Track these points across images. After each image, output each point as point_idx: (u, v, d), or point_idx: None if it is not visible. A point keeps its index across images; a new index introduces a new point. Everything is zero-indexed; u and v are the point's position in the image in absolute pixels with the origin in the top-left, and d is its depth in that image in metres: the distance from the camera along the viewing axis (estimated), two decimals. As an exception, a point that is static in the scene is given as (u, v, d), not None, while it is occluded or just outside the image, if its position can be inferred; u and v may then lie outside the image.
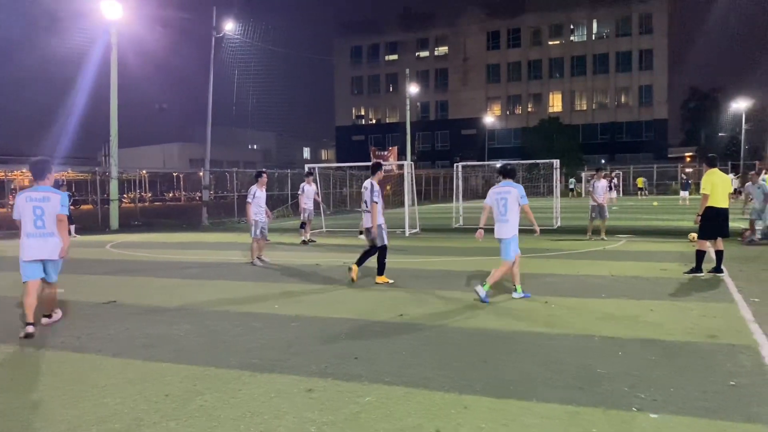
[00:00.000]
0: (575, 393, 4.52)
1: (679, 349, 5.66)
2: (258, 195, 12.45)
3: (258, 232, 12.38)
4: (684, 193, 37.18)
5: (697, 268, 9.84)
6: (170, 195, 64.17)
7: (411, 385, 4.75)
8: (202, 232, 22.58)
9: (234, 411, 4.29)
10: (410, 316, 7.24)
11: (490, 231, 8.54)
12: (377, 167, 10.11)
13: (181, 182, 62.81)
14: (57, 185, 8.15)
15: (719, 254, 9.91)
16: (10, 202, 41.45)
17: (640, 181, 48.53)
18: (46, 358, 5.76)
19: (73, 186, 41.97)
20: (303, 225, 16.99)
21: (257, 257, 12.44)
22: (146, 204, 42.43)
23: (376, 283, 9.76)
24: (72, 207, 21.27)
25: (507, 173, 8.55)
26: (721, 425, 3.90)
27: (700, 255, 9.90)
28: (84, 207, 35.26)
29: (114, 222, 24.36)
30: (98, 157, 59.09)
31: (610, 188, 36.95)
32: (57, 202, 6.82)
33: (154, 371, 5.25)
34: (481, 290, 8.00)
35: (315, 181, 18.23)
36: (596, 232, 16.03)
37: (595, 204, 15.90)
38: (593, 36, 75.07)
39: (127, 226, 25.03)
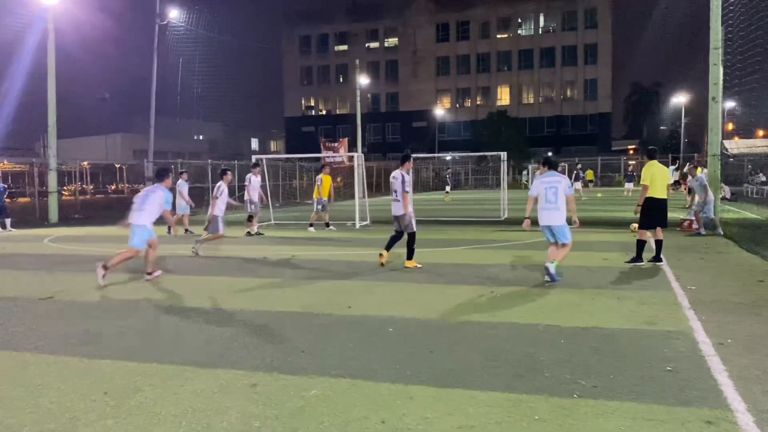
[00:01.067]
0: (518, 381, 4.59)
1: (618, 336, 5.82)
2: (224, 190, 13.32)
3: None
4: (629, 185, 38.30)
5: (638, 258, 10.14)
6: (113, 187, 62.38)
7: (357, 377, 4.73)
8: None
9: (175, 408, 4.19)
10: (358, 308, 7.22)
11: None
12: (407, 158, 10.67)
13: (125, 174, 61.14)
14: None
15: (659, 244, 10.23)
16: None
17: (590, 174, 49.65)
18: (-23, 357, 5.51)
19: (9, 178, 40.36)
20: (250, 218, 16.80)
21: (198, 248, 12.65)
22: (88, 196, 41.11)
23: (406, 267, 10.25)
24: (8, 200, 20.49)
25: (551, 164, 9.24)
26: (657, 409, 4.02)
27: (641, 244, 10.20)
28: (21, 200, 33.98)
29: (53, 215, 23.52)
30: (36, 147, 57.00)
31: (576, 180, 37.73)
32: None
33: (93, 368, 5.08)
34: (551, 267, 8.50)
35: (262, 173, 18.01)
36: None
37: None
38: (540, 30, 76.41)
39: (67, 219, 24.20)
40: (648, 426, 3.77)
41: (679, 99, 62.89)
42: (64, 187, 37.00)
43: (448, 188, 38.96)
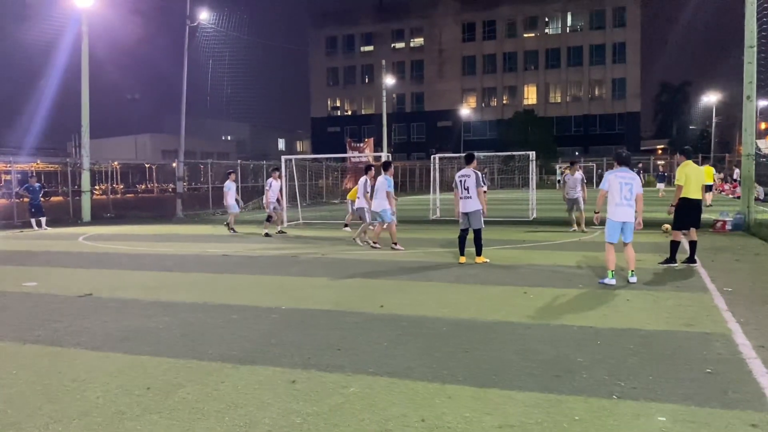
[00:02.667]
0: (555, 381, 4.58)
1: (655, 337, 5.76)
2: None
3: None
4: (660, 185, 37.75)
5: (672, 259, 10.01)
6: (143, 186, 63.29)
7: (394, 376, 4.76)
8: (176, 224, 22.32)
9: (217, 403, 4.27)
10: (390, 306, 7.25)
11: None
12: (472, 157, 11.00)
13: (154, 174, 62.01)
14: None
15: (693, 245, 10.09)
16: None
17: None
18: (23, 352, 5.66)
19: (43, 177, 41.24)
20: (269, 218, 17.02)
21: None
22: (118, 196, 41.76)
23: (476, 263, 10.60)
24: (43, 199, 20.94)
25: (625, 161, 8.84)
26: (699, 411, 3.98)
27: (675, 245, 10.08)
28: (55, 199, 34.66)
29: (86, 214, 23.97)
30: (69, 148, 58.05)
31: (662, 180, 37.43)
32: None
33: (134, 364, 5.19)
34: (632, 278, 8.59)
35: (284, 174, 18.30)
36: (578, 223, 16.10)
37: (569, 198, 16.01)
38: (567, 29, 75.70)
39: (99, 218, 24.65)
40: (691, 428, 3.73)
41: (710, 98, 61.77)
42: (96, 187, 37.67)
43: None
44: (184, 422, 3.95)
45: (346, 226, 17.80)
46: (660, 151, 70.98)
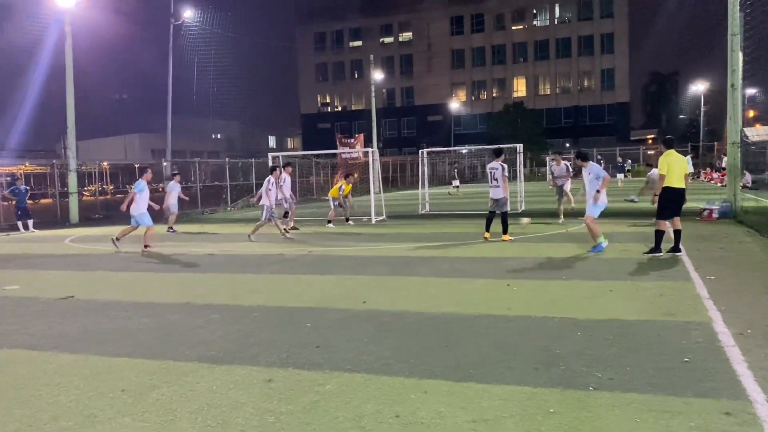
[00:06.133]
0: (533, 374, 4.57)
1: (635, 327, 5.76)
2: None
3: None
4: (620, 176, 37.95)
5: (656, 248, 10.02)
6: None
7: (371, 372, 4.74)
8: (164, 224, 22.19)
9: (191, 404, 4.23)
10: (373, 302, 7.22)
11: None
12: (501, 151, 12.90)
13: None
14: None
15: (677, 234, 10.10)
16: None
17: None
18: (-2, 356, 5.60)
19: (31, 179, 40.98)
20: (286, 214, 16.98)
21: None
22: (108, 196, 41.55)
23: (503, 240, 12.37)
24: (30, 201, 20.80)
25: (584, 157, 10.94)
26: (674, 401, 3.97)
27: (659, 235, 10.08)
28: (43, 201, 34.45)
29: (74, 216, 23.81)
30: (57, 149, 57.71)
31: (621, 171, 37.60)
32: None
33: (110, 366, 5.14)
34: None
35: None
36: (557, 214, 16.27)
37: (554, 187, 16.47)
38: (555, 20, 75.75)
39: (88, 219, 24.48)
40: (665, 417, 3.72)
41: (698, 87, 61.99)
42: (85, 188, 37.44)
43: (456, 182, 38.46)
44: (156, 424, 3.91)
45: (329, 222, 17.85)
46: (650, 141, 71.15)
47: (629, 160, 51.60)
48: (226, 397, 4.33)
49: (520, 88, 77.53)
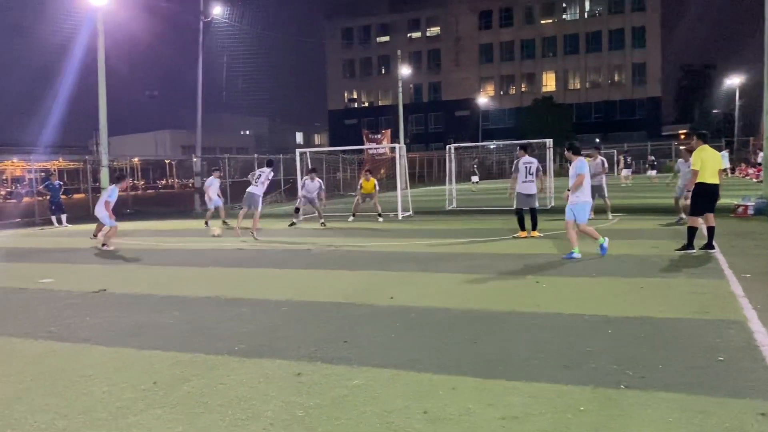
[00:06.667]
0: (563, 372, 4.52)
1: (668, 325, 5.66)
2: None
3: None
4: (652, 172, 37.31)
5: (689, 245, 9.83)
6: (163, 182, 63.92)
7: (399, 368, 4.74)
8: (194, 219, 22.50)
9: (221, 397, 4.28)
10: (400, 298, 7.22)
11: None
12: (528, 146, 13.21)
13: (174, 169, 62.58)
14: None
15: (710, 230, 9.90)
16: (2, 193, 41.29)
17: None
18: (34, 348, 5.72)
19: (65, 175, 41.80)
20: (297, 210, 17.25)
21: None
22: (138, 192, 42.23)
23: (532, 236, 12.35)
24: (63, 196, 21.22)
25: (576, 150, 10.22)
26: (707, 401, 3.89)
27: (692, 231, 9.89)
28: (76, 196, 35.13)
29: (106, 210, 24.18)
30: (89, 145, 58.73)
31: (627, 166, 37.07)
32: None
33: (142, 359, 5.22)
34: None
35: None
36: (602, 211, 15.93)
37: (592, 185, 15.91)
38: (586, 14, 74.73)
39: (119, 214, 24.80)
40: (698, 417, 3.65)
41: (733, 80, 60.62)
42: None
43: (475, 178, 38.02)
44: (187, 416, 3.96)
45: (380, 216, 18.33)
46: (683, 136, 69.83)
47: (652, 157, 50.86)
48: (256, 391, 4.37)
49: (549, 82, 76.68)
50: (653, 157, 44.45)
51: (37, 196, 23.71)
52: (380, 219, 18.11)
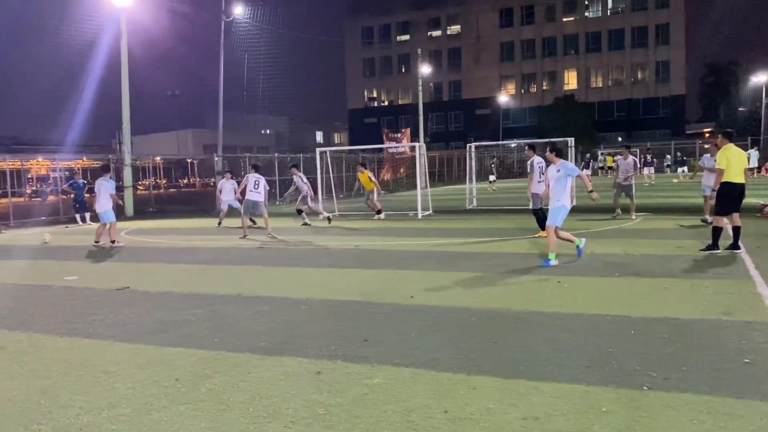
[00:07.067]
0: (585, 372, 4.48)
1: (692, 326, 5.58)
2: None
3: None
4: (648, 169, 36.63)
5: (714, 245, 9.68)
6: (185, 181, 64.50)
7: (419, 367, 4.73)
8: (215, 218, 22.65)
9: (243, 394, 4.30)
10: (420, 297, 7.21)
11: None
12: (535, 146, 12.90)
13: (195, 168, 63.11)
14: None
15: (736, 230, 9.74)
16: (27, 192, 41.96)
17: (609, 160, 47.05)
18: (58, 345, 5.81)
19: (88, 174, 42.32)
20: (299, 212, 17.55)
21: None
22: (161, 191, 42.66)
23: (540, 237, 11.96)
24: (87, 195, 21.51)
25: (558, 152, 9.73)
26: (734, 403, 3.83)
27: (717, 231, 9.74)
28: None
29: (129, 209, 24.51)
30: (113, 144, 59.48)
31: (647, 165, 36.56)
32: None
33: (165, 356, 5.27)
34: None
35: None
36: (626, 210, 15.79)
37: (621, 184, 15.83)
38: (608, 11, 73.86)
39: (142, 212, 25.19)
40: (724, 420, 3.60)
41: (760, 78, 59.55)
42: (139, 182, 38.49)
43: (492, 177, 37.67)
44: (209, 413, 3.99)
45: (379, 212, 18.51)
46: (707, 135, 68.79)
47: (668, 155, 50.31)
48: (277, 388, 4.39)
49: (571, 80, 75.95)
50: (679, 154, 43.85)
51: (62, 195, 24.05)
52: (378, 217, 18.51)
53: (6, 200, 25.11)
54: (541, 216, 12.38)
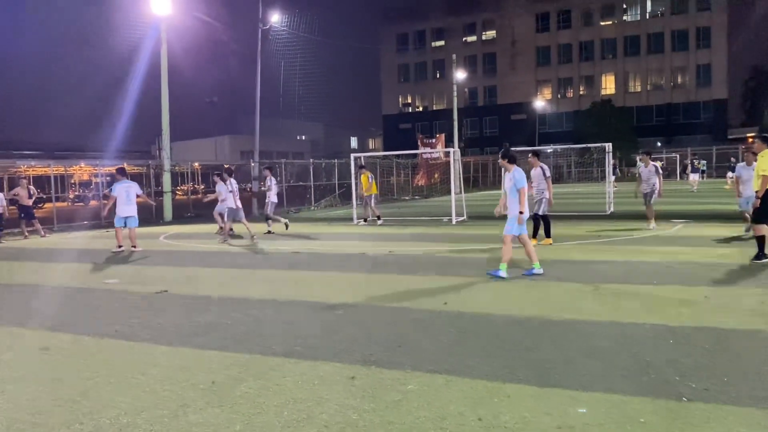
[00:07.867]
0: (622, 382, 4.41)
1: (734, 337, 5.45)
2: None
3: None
4: (694, 176, 35.48)
5: (762, 254, 9.37)
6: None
7: (453, 373, 4.71)
8: (251, 223, 22.92)
9: (277, 398, 4.35)
10: (454, 303, 7.18)
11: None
12: (538, 153, 13.03)
13: (233, 174, 63.91)
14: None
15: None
16: (70, 197, 43.09)
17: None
18: (100, 346, 5.95)
19: (129, 179, 43.22)
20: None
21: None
22: (199, 196, 43.37)
23: (542, 244, 11.92)
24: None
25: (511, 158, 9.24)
26: (777, 416, 3.73)
27: (761, 240, 9.46)
28: (139, 200, 36.26)
29: (168, 214, 24.99)
30: (152, 150, 60.72)
31: (694, 171, 35.62)
32: None
33: (202, 359, 5.36)
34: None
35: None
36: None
37: (642, 192, 15.19)
38: (647, 15, 72.70)
39: (181, 217, 25.64)
40: (766, 434, 3.51)
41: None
42: (178, 187, 39.19)
43: None
44: (245, 416, 4.05)
45: (378, 217, 19.08)
46: (750, 140, 67.02)
47: (703, 161, 48.96)
48: (311, 393, 4.42)
49: (608, 85, 74.90)
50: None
51: (103, 200, 24.63)
52: (378, 222, 18.90)
53: (50, 205, 25.81)
54: (536, 224, 12.50)
